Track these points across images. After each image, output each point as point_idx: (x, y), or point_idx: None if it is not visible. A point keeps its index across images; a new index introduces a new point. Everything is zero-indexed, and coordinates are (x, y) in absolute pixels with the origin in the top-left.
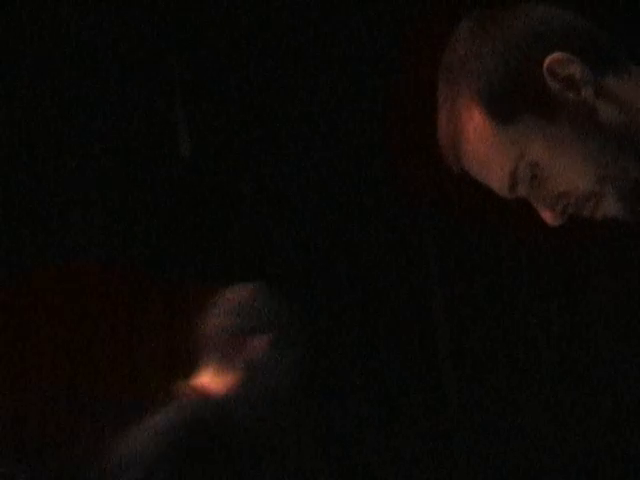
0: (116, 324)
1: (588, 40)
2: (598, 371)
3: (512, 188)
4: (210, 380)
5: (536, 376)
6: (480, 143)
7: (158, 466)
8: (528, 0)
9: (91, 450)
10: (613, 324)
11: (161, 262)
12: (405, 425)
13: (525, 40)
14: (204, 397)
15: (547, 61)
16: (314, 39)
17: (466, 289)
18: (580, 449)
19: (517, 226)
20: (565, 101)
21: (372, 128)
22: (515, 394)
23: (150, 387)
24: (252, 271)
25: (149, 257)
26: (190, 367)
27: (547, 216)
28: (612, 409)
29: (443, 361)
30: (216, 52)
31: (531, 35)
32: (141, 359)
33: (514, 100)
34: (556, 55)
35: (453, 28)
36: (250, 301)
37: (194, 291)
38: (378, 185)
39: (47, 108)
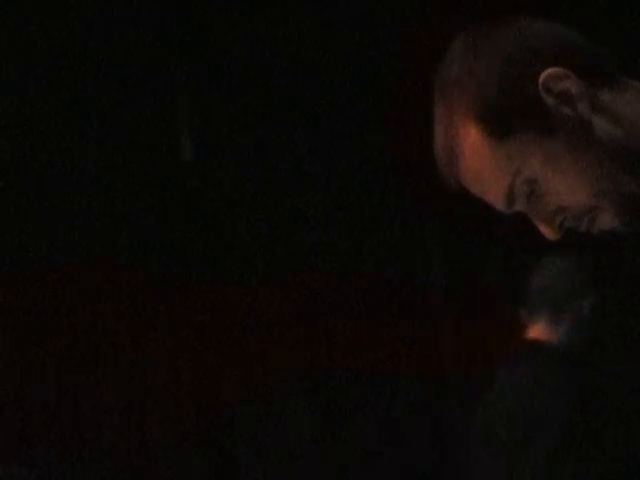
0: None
1: (583, 55)
2: None
3: (510, 203)
4: (542, 333)
5: None
6: (477, 159)
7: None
8: (523, 15)
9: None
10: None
11: (162, 264)
12: None
13: (520, 56)
14: (539, 348)
15: (542, 76)
16: (318, 44)
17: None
18: None
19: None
20: (561, 116)
21: (375, 131)
22: None
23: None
24: (255, 272)
25: (151, 260)
26: (523, 323)
27: (545, 230)
28: None
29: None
30: (218, 56)
31: (526, 51)
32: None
33: (510, 116)
34: (551, 70)
35: (452, 33)
36: (577, 268)
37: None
38: (382, 189)
39: (48, 110)
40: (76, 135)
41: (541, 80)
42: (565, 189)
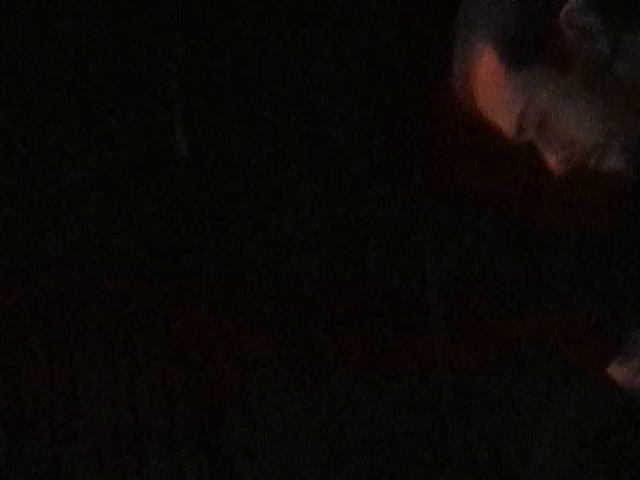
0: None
1: None
2: None
3: (520, 132)
4: (616, 372)
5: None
6: (491, 85)
7: None
8: None
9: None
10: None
11: (162, 264)
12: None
13: None
14: (612, 386)
15: (564, 9)
16: (318, 43)
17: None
18: None
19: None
20: (579, 51)
21: (375, 131)
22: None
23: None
24: (249, 272)
25: (145, 258)
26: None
27: (552, 162)
28: None
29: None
30: (214, 52)
31: None
32: None
33: (529, 47)
34: (574, 3)
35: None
36: None
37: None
38: (382, 188)
39: (46, 109)
40: (74, 134)
41: (563, 12)
42: (576, 124)
